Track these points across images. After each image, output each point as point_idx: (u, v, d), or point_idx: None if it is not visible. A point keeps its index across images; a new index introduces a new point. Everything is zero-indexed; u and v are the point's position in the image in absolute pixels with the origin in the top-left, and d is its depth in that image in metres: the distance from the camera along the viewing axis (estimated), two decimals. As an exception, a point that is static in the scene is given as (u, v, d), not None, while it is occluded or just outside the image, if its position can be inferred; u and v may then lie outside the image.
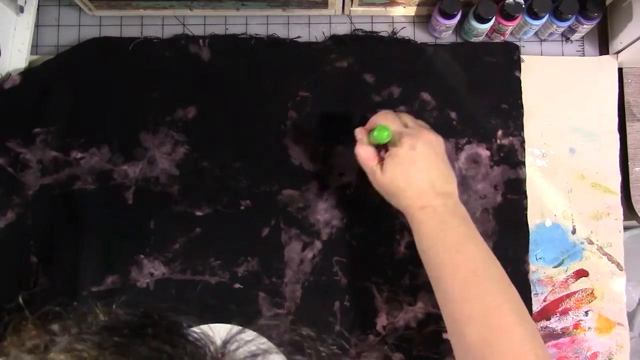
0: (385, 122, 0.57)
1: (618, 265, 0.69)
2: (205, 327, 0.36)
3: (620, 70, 0.72)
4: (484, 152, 0.69)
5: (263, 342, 0.37)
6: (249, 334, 0.37)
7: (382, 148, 0.59)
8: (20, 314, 0.36)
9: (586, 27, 0.68)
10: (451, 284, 0.53)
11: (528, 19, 0.67)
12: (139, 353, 0.32)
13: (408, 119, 0.60)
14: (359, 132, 0.60)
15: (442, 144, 0.58)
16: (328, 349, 0.39)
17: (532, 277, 0.68)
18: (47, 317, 0.35)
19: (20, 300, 0.38)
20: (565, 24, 0.68)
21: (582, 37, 0.73)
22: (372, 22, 0.73)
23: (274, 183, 0.68)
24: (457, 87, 0.70)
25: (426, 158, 0.56)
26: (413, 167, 0.55)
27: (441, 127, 0.69)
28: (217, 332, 0.36)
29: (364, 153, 0.58)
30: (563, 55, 0.73)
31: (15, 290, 0.64)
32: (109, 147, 0.68)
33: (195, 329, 0.36)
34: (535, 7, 0.65)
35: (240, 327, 0.37)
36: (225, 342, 0.35)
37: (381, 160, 0.58)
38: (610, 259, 0.69)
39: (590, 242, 0.69)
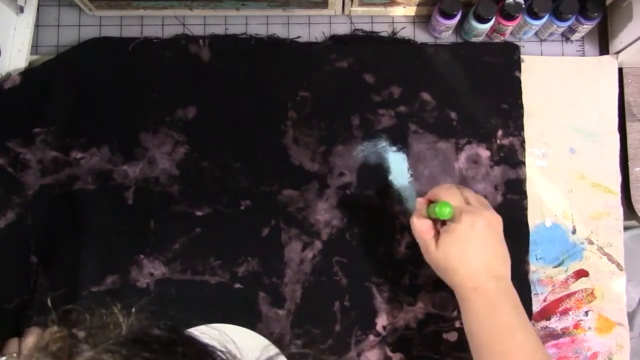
0: (448, 197, 0.56)
1: (618, 265, 0.69)
2: (232, 346, 0.35)
3: (620, 70, 0.72)
4: (484, 152, 0.69)
5: None
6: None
7: (438, 221, 0.58)
8: (23, 313, 0.35)
9: (586, 27, 0.68)
10: None
11: (528, 19, 0.67)
12: None
13: (470, 195, 0.59)
14: (420, 203, 0.59)
15: (501, 224, 0.57)
16: None
17: (532, 277, 0.68)
18: (69, 317, 0.35)
19: (48, 301, 0.37)
20: (565, 24, 0.68)
21: (582, 37, 0.73)
22: (372, 22, 0.73)
23: (274, 183, 0.68)
24: (457, 87, 0.70)
25: (484, 238, 0.55)
26: (469, 246, 0.54)
27: (441, 127, 0.69)
28: (249, 350, 0.35)
29: (420, 225, 0.57)
30: (563, 55, 0.73)
31: (15, 290, 0.64)
32: (109, 147, 0.68)
33: (224, 350, 0.35)
34: (535, 7, 0.65)
35: (274, 352, 0.36)
36: None
37: (436, 234, 0.57)
38: (610, 259, 0.69)
39: (590, 242, 0.69)
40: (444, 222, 0.57)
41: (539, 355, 0.53)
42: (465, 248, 0.55)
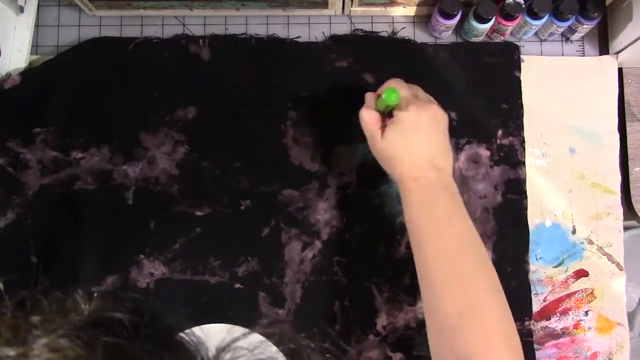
0: (396, 87, 0.57)
1: (618, 265, 0.69)
2: (198, 331, 0.34)
3: (620, 70, 0.72)
4: (484, 152, 0.69)
5: (261, 352, 0.34)
6: (247, 341, 0.34)
7: (386, 117, 0.58)
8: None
9: (586, 27, 0.68)
10: (432, 253, 0.54)
11: (528, 19, 0.67)
12: (133, 356, 0.30)
13: (419, 90, 0.60)
14: (369, 96, 0.60)
15: (446, 119, 0.58)
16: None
17: (532, 277, 0.68)
18: (24, 304, 0.33)
19: (1, 285, 0.35)
20: (565, 24, 0.68)
21: (582, 37, 0.73)
22: (372, 22, 0.73)
23: (274, 183, 0.68)
24: (457, 87, 0.70)
25: (429, 130, 0.56)
26: (414, 136, 0.56)
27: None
28: (214, 334, 0.33)
29: (368, 117, 0.58)
30: (563, 55, 0.73)
31: (15, 291, 0.64)
32: (109, 147, 0.68)
33: (188, 332, 0.33)
34: (535, 7, 0.65)
35: (239, 332, 0.35)
36: (220, 351, 0.33)
37: (383, 127, 0.57)
38: (610, 259, 0.69)
39: (590, 242, 0.69)
40: (391, 117, 0.58)
41: (473, 238, 0.55)
42: (411, 138, 0.56)
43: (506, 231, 0.68)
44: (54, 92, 0.68)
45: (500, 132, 0.69)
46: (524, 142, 0.69)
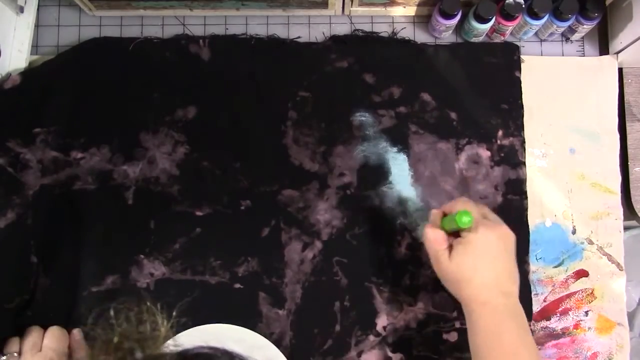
0: (467, 209, 0.56)
1: (618, 265, 0.69)
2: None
3: (620, 70, 0.72)
4: (484, 153, 0.69)
5: None
6: None
7: (450, 235, 0.57)
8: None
9: (586, 27, 0.68)
10: None
11: (528, 19, 0.67)
12: None
13: (487, 210, 0.59)
14: (434, 214, 0.59)
15: (514, 242, 0.57)
16: None
17: (532, 277, 0.68)
18: (102, 318, 0.34)
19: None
20: (565, 24, 0.68)
21: (582, 37, 0.73)
22: (372, 22, 0.73)
23: (274, 183, 0.68)
24: (457, 88, 0.70)
25: (498, 252, 0.55)
26: (483, 258, 0.54)
27: (441, 128, 0.69)
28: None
29: (434, 236, 0.57)
30: (563, 55, 0.73)
31: (15, 290, 0.64)
32: (109, 147, 0.68)
33: None
34: (535, 7, 0.65)
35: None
36: None
37: (449, 247, 0.56)
38: (610, 259, 0.69)
39: (590, 242, 0.69)
40: (457, 236, 0.56)
41: None
42: (479, 260, 0.54)
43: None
44: (54, 92, 0.68)
45: (500, 133, 0.69)
46: (524, 142, 0.69)
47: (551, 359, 0.68)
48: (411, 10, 0.71)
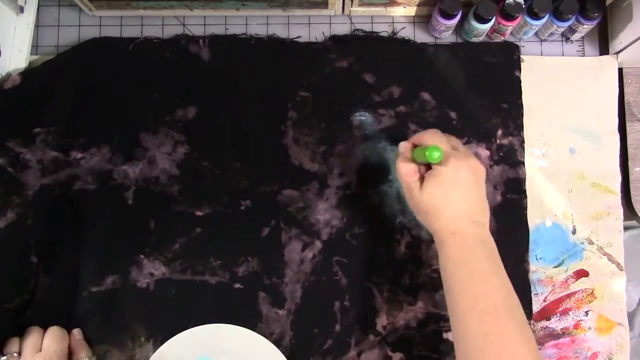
0: (435, 142, 0.57)
1: (618, 265, 0.69)
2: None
3: (620, 70, 0.72)
4: (484, 152, 0.69)
5: None
6: None
7: (422, 166, 0.58)
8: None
9: (586, 27, 0.68)
10: (469, 314, 0.53)
11: (528, 19, 0.67)
12: None
13: (456, 142, 0.60)
14: (403, 147, 0.60)
15: (484, 174, 0.58)
16: None
17: (532, 277, 0.68)
18: None
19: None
20: (565, 24, 0.68)
21: (582, 37, 0.73)
22: (372, 22, 0.73)
23: (274, 183, 0.68)
24: (457, 87, 0.70)
25: (467, 184, 0.56)
26: (453, 190, 0.55)
27: (441, 127, 0.69)
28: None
29: (405, 169, 0.58)
30: (563, 55, 0.73)
31: (15, 290, 0.64)
32: (109, 147, 0.68)
33: None
34: (535, 7, 0.65)
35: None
36: None
37: (421, 178, 0.57)
38: (610, 259, 0.69)
39: (591, 242, 0.69)
40: (428, 167, 0.57)
41: (510, 301, 0.54)
42: (449, 191, 0.55)
43: (506, 231, 0.68)
44: (54, 92, 0.68)
45: (500, 132, 0.69)
46: (524, 142, 0.69)
47: (551, 359, 0.68)
48: (411, 10, 0.71)
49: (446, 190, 0.55)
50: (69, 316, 0.65)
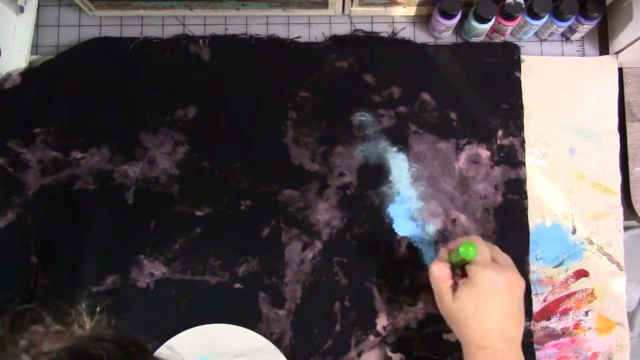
0: (474, 242, 0.55)
1: (618, 265, 0.69)
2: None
3: (620, 70, 0.72)
4: (484, 153, 0.69)
5: None
6: None
7: (457, 272, 0.57)
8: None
9: (586, 27, 0.68)
10: None
11: (528, 19, 0.67)
12: None
13: (498, 253, 0.58)
14: (443, 250, 0.59)
15: (522, 287, 0.56)
16: None
17: (532, 277, 0.68)
18: (24, 318, 0.34)
19: None
20: (565, 24, 0.68)
21: (582, 37, 0.73)
22: (372, 22, 0.73)
23: (274, 183, 0.68)
24: (457, 87, 0.70)
25: (502, 298, 0.54)
26: (487, 303, 0.54)
27: (441, 128, 0.69)
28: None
29: (439, 272, 0.56)
30: (563, 55, 0.73)
31: (15, 290, 0.64)
32: (109, 147, 0.68)
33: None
34: (535, 7, 0.65)
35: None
36: None
37: (454, 285, 0.56)
38: (610, 259, 0.69)
39: (591, 242, 0.69)
40: (463, 274, 0.56)
41: None
42: (482, 304, 0.54)
43: (506, 231, 0.68)
44: (54, 92, 0.68)
45: (500, 132, 0.69)
46: (524, 142, 0.69)
47: (551, 359, 0.68)
48: (411, 10, 0.71)
49: (479, 303, 0.53)
50: (69, 316, 0.65)
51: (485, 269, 0.54)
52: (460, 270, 0.57)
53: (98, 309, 0.34)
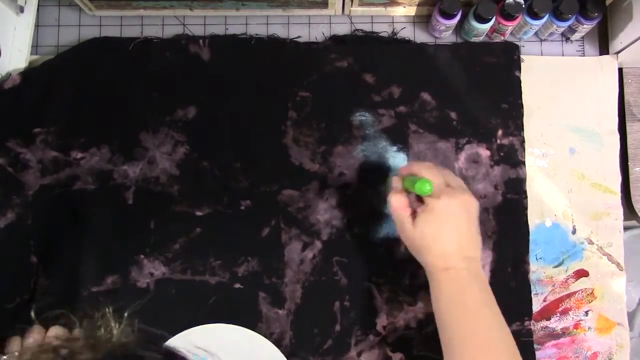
0: (428, 175, 0.56)
1: (618, 265, 0.69)
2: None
3: (620, 70, 0.72)
4: (484, 152, 0.69)
5: None
6: None
7: (414, 197, 0.58)
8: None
9: (586, 27, 0.68)
10: (462, 349, 0.53)
11: (528, 19, 0.67)
12: None
13: (451, 177, 0.59)
14: (395, 181, 0.60)
15: (477, 208, 0.57)
16: None
17: (532, 277, 0.68)
18: (57, 322, 0.34)
19: (32, 314, 0.36)
20: (565, 24, 0.68)
21: (582, 37, 0.73)
22: (372, 22, 0.73)
23: (274, 183, 0.68)
24: (457, 87, 0.70)
25: (459, 220, 0.56)
26: (445, 226, 0.55)
27: (441, 127, 0.69)
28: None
29: (397, 202, 0.57)
30: (563, 55, 0.73)
31: (15, 290, 0.64)
32: (109, 147, 0.68)
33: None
34: (535, 7, 0.65)
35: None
36: None
37: (413, 212, 0.57)
38: (610, 259, 0.69)
39: (591, 242, 0.69)
40: (420, 200, 0.57)
41: (503, 333, 0.54)
42: (441, 228, 0.55)
43: (506, 231, 0.68)
44: (54, 92, 0.68)
45: (500, 132, 0.69)
46: (524, 142, 0.69)
47: (551, 359, 0.68)
48: (411, 10, 0.71)
49: (438, 227, 0.55)
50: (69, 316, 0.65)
51: (440, 195, 0.55)
52: (416, 196, 0.58)
53: (126, 314, 0.35)
